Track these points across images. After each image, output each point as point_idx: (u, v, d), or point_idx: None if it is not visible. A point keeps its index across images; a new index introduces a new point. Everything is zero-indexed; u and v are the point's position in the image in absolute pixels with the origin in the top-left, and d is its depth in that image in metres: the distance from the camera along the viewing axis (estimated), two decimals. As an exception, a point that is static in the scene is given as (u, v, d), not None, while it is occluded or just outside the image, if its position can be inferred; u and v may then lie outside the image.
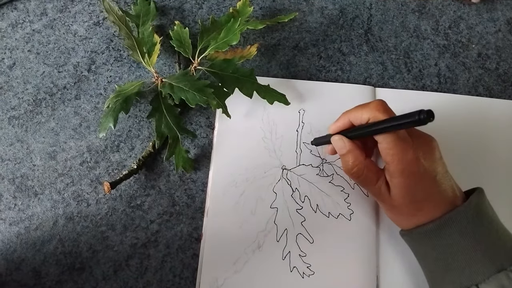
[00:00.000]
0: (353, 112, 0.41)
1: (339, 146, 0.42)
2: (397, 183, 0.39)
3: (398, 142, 0.37)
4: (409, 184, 0.38)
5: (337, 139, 0.42)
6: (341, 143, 0.42)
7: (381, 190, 0.41)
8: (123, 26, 0.47)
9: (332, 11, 0.55)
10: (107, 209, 0.47)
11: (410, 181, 0.38)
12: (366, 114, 0.39)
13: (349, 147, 0.41)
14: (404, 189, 0.39)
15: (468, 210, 0.38)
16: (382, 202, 0.42)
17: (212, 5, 0.55)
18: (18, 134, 0.49)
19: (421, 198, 0.39)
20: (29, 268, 0.45)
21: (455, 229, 0.38)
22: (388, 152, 0.38)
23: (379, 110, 0.38)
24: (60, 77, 0.51)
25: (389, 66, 0.53)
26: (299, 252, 0.45)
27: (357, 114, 0.40)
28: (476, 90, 0.53)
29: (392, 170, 0.39)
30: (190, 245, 0.46)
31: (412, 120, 0.34)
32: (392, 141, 0.37)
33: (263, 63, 0.53)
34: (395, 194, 0.40)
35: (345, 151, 0.42)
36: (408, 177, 0.38)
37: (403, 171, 0.38)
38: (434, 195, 0.39)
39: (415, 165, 0.38)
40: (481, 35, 0.55)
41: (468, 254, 0.37)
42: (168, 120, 0.46)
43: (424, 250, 0.41)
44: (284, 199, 0.47)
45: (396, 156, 0.38)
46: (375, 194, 0.42)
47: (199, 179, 0.48)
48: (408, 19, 0.55)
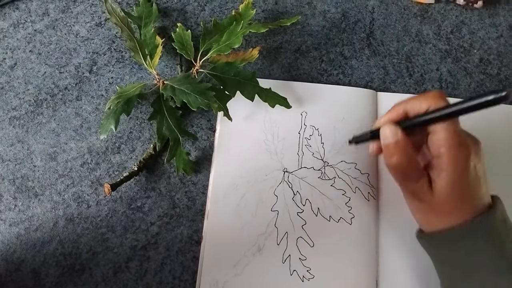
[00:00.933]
0: (410, 101, 0.39)
1: (388, 134, 0.39)
2: (447, 177, 0.37)
3: (456, 134, 0.36)
4: (459, 180, 0.37)
5: (388, 126, 0.39)
6: (392, 131, 0.39)
7: (424, 188, 0.38)
8: (125, 27, 0.47)
9: (334, 14, 0.55)
10: (107, 210, 0.47)
11: (460, 177, 0.37)
12: (426, 102, 0.38)
13: (400, 135, 0.38)
14: (452, 185, 0.37)
15: (495, 216, 0.37)
16: (419, 201, 0.40)
17: (214, 7, 0.55)
18: (18, 135, 0.49)
19: (466, 195, 0.38)
20: (29, 269, 0.45)
21: (481, 235, 0.37)
22: (443, 143, 0.37)
23: (440, 98, 0.37)
24: (61, 78, 0.51)
25: (390, 71, 0.53)
26: (299, 256, 0.45)
27: (415, 103, 0.39)
28: (477, 95, 0.53)
29: (445, 163, 0.37)
30: (190, 248, 0.46)
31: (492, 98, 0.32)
32: (449, 132, 0.36)
33: (265, 66, 0.53)
34: (441, 190, 0.38)
35: (394, 140, 0.39)
36: (460, 172, 0.37)
37: (457, 165, 0.37)
38: (476, 196, 0.38)
39: (468, 160, 0.37)
40: (483, 40, 0.55)
41: (491, 263, 0.36)
42: (169, 122, 0.46)
43: (445, 255, 0.39)
44: (285, 202, 0.47)
45: (453, 148, 0.36)
46: (415, 192, 0.40)
47: (199, 182, 0.48)
48: (410, 23, 0.55)
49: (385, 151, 0.40)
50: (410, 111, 0.39)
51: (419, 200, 0.40)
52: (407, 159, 0.39)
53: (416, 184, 0.39)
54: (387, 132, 0.39)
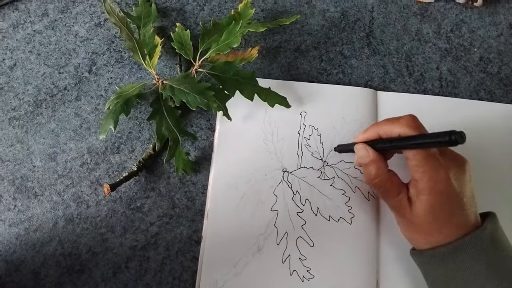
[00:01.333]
0: (383, 125, 0.41)
1: (362, 155, 0.42)
2: (424, 200, 0.38)
3: (429, 160, 0.37)
4: (436, 203, 0.38)
5: (361, 148, 0.42)
6: (365, 152, 0.42)
7: (402, 204, 0.40)
8: (124, 27, 0.47)
9: (334, 13, 0.55)
10: (107, 211, 0.47)
11: (437, 200, 0.38)
12: (397, 129, 0.39)
13: (372, 157, 0.41)
14: (429, 207, 0.38)
15: (483, 236, 0.37)
16: (400, 217, 0.41)
17: (213, 7, 0.54)
18: (18, 135, 0.49)
19: (444, 218, 0.38)
20: (29, 269, 0.45)
21: (469, 254, 0.37)
22: (418, 169, 0.37)
23: (411, 127, 0.38)
24: (60, 78, 0.51)
25: (390, 70, 0.53)
26: (299, 256, 0.45)
27: (387, 128, 0.40)
28: (477, 94, 0.53)
29: (421, 187, 0.38)
30: (190, 248, 0.46)
31: (443, 140, 0.34)
32: (423, 159, 0.37)
33: (265, 66, 0.52)
34: (419, 211, 0.39)
35: (367, 160, 0.41)
36: (436, 195, 0.38)
37: (432, 189, 0.37)
38: (457, 217, 0.38)
39: (445, 184, 0.37)
40: (483, 39, 0.55)
41: (480, 281, 0.37)
42: (168, 122, 0.46)
43: (435, 273, 0.40)
44: (285, 202, 0.47)
45: (427, 173, 0.37)
46: (395, 207, 0.41)
47: (199, 182, 0.48)
48: (410, 22, 0.55)
49: (363, 169, 0.43)
50: (382, 135, 0.41)
51: (400, 215, 0.41)
52: (385, 176, 0.41)
53: (395, 200, 0.40)
54: (361, 153, 0.42)
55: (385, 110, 0.51)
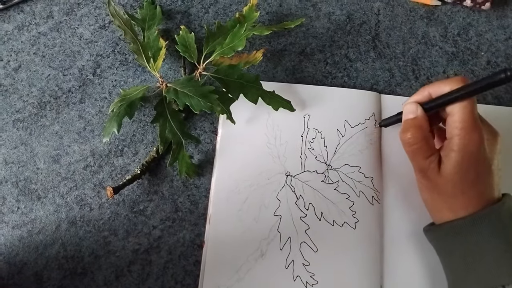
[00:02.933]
0: (434, 85, 0.42)
1: (409, 110, 0.42)
2: (455, 157, 0.39)
3: (470, 118, 0.38)
4: (466, 161, 0.38)
5: (410, 103, 0.42)
6: (413, 107, 0.42)
7: (431, 165, 0.40)
8: (129, 30, 0.47)
9: (339, 16, 0.55)
10: (109, 214, 0.46)
11: (468, 158, 0.38)
12: (448, 85, 0.40)
13: (420, 113, 0.42)
14: (459, 165, 0.38)
15: (502, 210, 0.38)
16: (426, 179, 0.42)
17: (218, 10, 0.54)
18: (22, 137, 0.49)
19: (470, 181, 0.39)
20: (31, 272, 0.45)
21: (487, 227, 0.38)
22: (457, 125, 0.38)
23: (462, 82, 0.39)
24: (65, 80, 0.51)
25: (396, 73, 0.53)
26: (302, 261, 0.44)
27: (438, 86, 0.41)
28: (484, 99, 0.52)
29: (455, 143, 0.39)
30: (193, 252, 0.45)
31: (498, 78, 0.35)
32: (465, 114, 0.38)
33: (269, 69, 0.52)
34: (447, 169, 0.39)
35: (413, 116, 0.42)
36: (468, 154, 0.38)
37: (466, 147, 0.38)
38: (482, 183, 0.39)
39: (478, 145, 0.38)
40: (491, 43, 0.54)
41: (497, 254, 0.37)
42: (172, 126, 0.45)
43: (451, 247, 0.40)
44: (288, 206, 0.46)
45: (464, 130, 0.38)
46: (423, 168, 0.41)
47: (202, 185, 0.48)
48: (417, 25, 0.55)
49: (403, 126, 0.43)
50: (433, 93, 0.42)
51: (426, 178, 0.41)
52: (421, 135, 0.41)
53: (426, 161, 0.41)
54: (408, 108, 0.42)
55: (389, 113, 0.50)
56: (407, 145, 0.42)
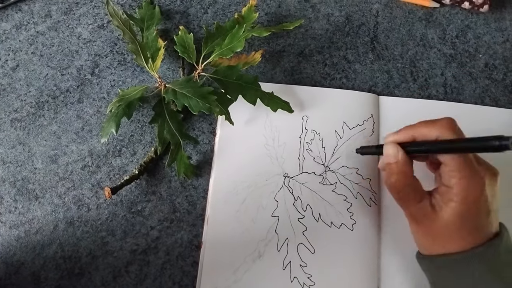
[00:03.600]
0: (419, 127, 0.39)
1: (391, 153, 0.39)
2: (454, 208, 0.36)
3: (467, 166, 0.36)
4: (467, 211, 0.36)
5: (392, 146, 0.39)
6: (394, 151, 0.39)
7: (423, 211, 0.38)
8: (127, 30, 0.47)
9: (338, 18, 0.55)
10: (107, 214, 0.46)
11: (468, 208, 0.36)
12: (436, 131, 0.37)
13: (402, 157, 0.39)
14: (459, 215, 0.36)
15: (499, 245, 0.37)
16: (418, 225, 0.40)
17: (217, 10, 0.54)
18: (20, 137, 0.49)
19: (470, 227, 0.37)
20: (28, 272, 0.45)
21: (483, 263, 0.36)
22: (455, 174, 0.36)
23: (450, 129, 0.37)
24: (63, 80, 0.51)
25: (394, 75, 0.53)
26: (300, 262, 0.45)
27: (423, 130, 0.38)
28: (482, 101, 0.52)
29: (454, 194, 0.36)
30: (190, 253, 0.45)
31: (490, 145, 0.32)
32: (460, 164, 0.36)
33: (268, 70, 0.52)
34: (445, 217, 0.37)
35: (394, 160, 0.39)
36: (468, 204, 0.36)
37: (466, 198, 0.36)
38: (482, 227, 0.37)
39: (479, 193, 0.36)
40: (489, 45, 0.55)
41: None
42: (170, 126, 0.45)
43: (445, 280, 0.39)
44: (286, 208, 0.47)
45: (464, 180, 0.36)
46: (414, 214, 0.39)
47: (200, 186, 0.48)
48: (415, 27, 0.55)
49: (386, 169, 0.40)
50: (418, 137, 0.39)
51: (419, 224, 0.39)
52: (405, 181, 0.39)
53: (416, 207, 0.39)
54: (389, 151, 0.40)
55: (388, 115, 0.51)
56: (393, 191, 0.40)
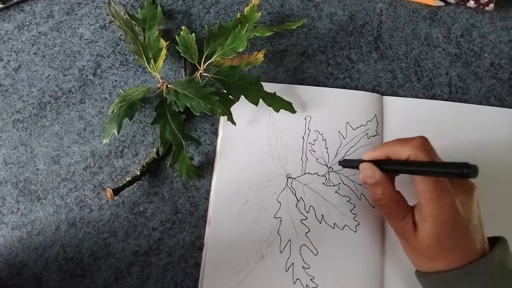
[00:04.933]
0: (393, 146, 0.39)
1: (368, 174, 0.41)
2: (428, 227, 0.37)
3: (437, 186, 0.36)
4: (441, 231, 0.37)
5: (367, 167, 0.41)
6: (370, 172, 0.40)
7: (406, 228, 0.39)
8: (129, 31, 0.47)
9: (341, 17, 0.54)
10: (109, 215, 0.46)
11: (442, 228, 0.37)
12: (407, 151, 0.38)
13: (378, 177, 0.40)
14: (434, 235, 0.37)
15: (490, 263, 0.36)
16: (404, 241, 0.41)
17: (219, 10, 0.54)
18: (22, 138, 0.49)
19: (449, 247, 0.37)
20: (30, 273, 0.44)
21: (475, 281, 0.36)
22: (424, 194, 0.37)
23: (422, 150, 0.37)
24: (65, 81, 0.51)
25: (398, 75, 0.52)
26: (302, 264, 0.44)
27: (396, 149, 0.39)
28: (487, 101, 0.52)
29: (425, 213, 0.37)
30: (192, 254, 0.45)
31: (454, 172, 0.33)
32: (430, 184, 0.36)
33: (270, 70, 0.52)
34: (423, 237, 0.38)
35: (373, 181, 0.40)
36: (441, 223, 0.37)
37: (437, 217, 0.36)
38: (463, 245, 0.37)
39: (451, 212, 0.36)
40: (494, 44, 0.54)
41: None
42: (172, 127, 0.45)
43: None
44: (288, 209, 0.46)
45: (433, 200, 0.36)
46: (399, 231, 0.40)
47: (202, 187, 0.47)
48: (419, 26, 0.54)
49: (369, 188, 0.42)
50: (392, 156, 0.40)
51: (404, 239, 0.40)
52: (389, 199, 0.40)
53: (400, 224, 0.40)
54: (366, 172, 0.41)
55: (391, 115, 0.50)
56: (380, 209, 0.41)
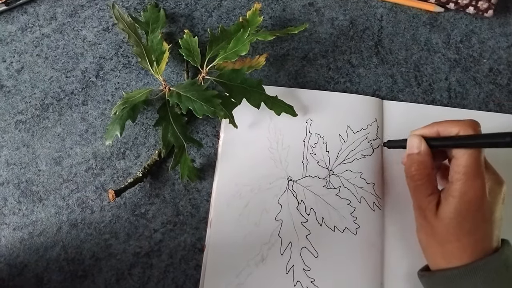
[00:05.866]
0: (443, 123, 0.40)
1: (414, 144, 0.41)
2: (453, 203, 0.38)
3: (474, 164, 0.37)
4: (464, 209, 0.37)
5: (415, 137, 0.41)
6: (417, 142, 0.41)
7: (430, 206, 0.39)
8: (132, 33, 0.47)
9: (342, 22, 0.55)
10: (111, 216, 0.46)
11: (466, 206, 0.37)
12: (457, 127, 0.39)
13: (424, 148, 0.40)
14: (456, 211, 0.37)
15: (498, 261, 0.37)
16: (423, 219, 0.41)
17: (222, 14, 0.54)
18: (24, 139, 0.49)
19: (467, 229, 0.37)
20: (32, 274, 0.45)
21: (482, 279, 0.36)
22: (460, 169, 0.37)
23: (470, 128, 0.38)
24: (68, 82, 0.51)
25: (398, 79, 0.53)
26: (303, 266, 0.45)
27: (447, 126, 0.40)
28: (486, 106, 0.52)
29: (454, 188, 0.38)
30: (193, 256, 0.45)
31: (502, 141, 0.34)
32: (469, 159, 0.37)
33: (272, 73, 0.52)
34: (445, 214, 0.38)
35: (417, 151, 0.41)
36: (467, 201, 0.37)
37: (465, 194, 0.37)
38: (479, 233, 0.38)
39: (479, 193, 0.37)
40: (493, 50, 0.54)
41: None
42: (174, 129, 0.45)
43: None
44: (289, 211, 0.47)
45: (466, 175, 0.37)
46: (421, 206, 0.40)
47: (204, 189, 0.48)
48: (419, 31, 0.55)
49: (407, 159, 0.42)
50: (441, 132, 0.40)
51: (423, 217, 0.41)
52: (424, 172, 0.40)
53: (425, 199, 0.40)
54: (412, 142, 0.41)
55: (391, 120, 0.51)
56: (411, 180, 0.42)
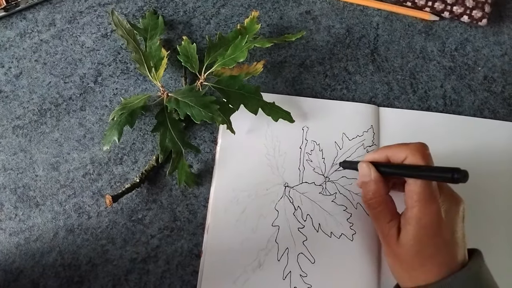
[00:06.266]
0: (392, 147, 0.41)
1: (364, 172, 0.42)
2: (411, 230, 0.38)
3: (426, 190, 0.37)
4: (422, 235, 0.38)
5: (365, 166, 0.42)
6: (367, 171, 0.42)
7: (390, 232, 0.40)
8: (131, 40, 0.48)
9: (339, 30, 0.55)
10: (108, 222, 0.46)
11: (424, 232, 0.37)
12: (405, 152, 0.39)
13: (374, 176, 0.41)
14: (415, 238, 0.38)
15: (466, 278, 0.37)
16: (387, 245, 0.41)
17: (220, 21, 0.55)
18: (21, 144, 0.49)
19: (428, 254, 0.38)
20: (28, 279, 0.44)
21: None
22: (413, 196, 0.38)
23: (419, 153, 0.38)
24: (66, 88, 0.51)
25: (394, 87, 0.53)
26: (300, 272, 0.45)
27: (395, 150, 0.40)
28: (481, 113, 0.53)
29: (410, 216, 0.38)
30: (190, 262, 0.45)
31: (445, 176, 0.35)
32: (422, 186, 0.37)
33: (269, 80, 0.53)
34: (404, 241, 0.38)
35: (368, 179, 0.41)
36: (423, 228, 0.37)
37: (420, 220, 0.37)
38: (442, 255, 0.38)
39: (434, 217, 0.37)
40: (487, 58, 0.55)
41: None
42: (172, 135, 0.46)
43: None
44: (286, 217, 0.47)
45: (419, 202, 0.37)
46: (383, 233, 0.41)
47: (201, 195, 0.48)
48: (415, 40, 0.55)
49: (362, 187, 0.43)
50: (390, 157, 0.41)
51: (386, 243, 0.41)
52: (379, 199, 0.41)
53: (386, 225, 0.40)
54: (363, 170, 0.42)
55: (388, 127, 0.51)
56: (369, 207, 0.43)
